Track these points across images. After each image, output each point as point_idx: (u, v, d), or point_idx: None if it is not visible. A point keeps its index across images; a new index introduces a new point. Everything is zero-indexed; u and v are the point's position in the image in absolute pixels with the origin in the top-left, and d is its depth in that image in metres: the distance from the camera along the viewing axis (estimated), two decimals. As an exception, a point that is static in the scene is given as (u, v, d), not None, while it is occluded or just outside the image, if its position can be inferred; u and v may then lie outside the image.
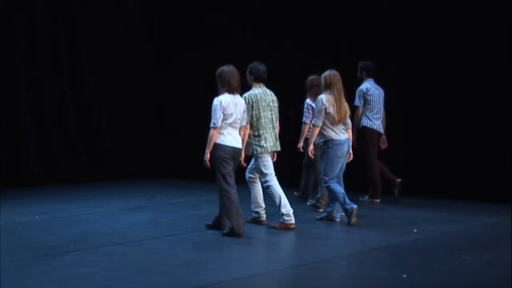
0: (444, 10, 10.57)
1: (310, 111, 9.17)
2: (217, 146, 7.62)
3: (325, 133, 8.50)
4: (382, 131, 10.27)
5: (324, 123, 8.48)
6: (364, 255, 7.12)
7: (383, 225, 8.53)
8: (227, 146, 7.64)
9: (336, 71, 8.51)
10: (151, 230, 8.07)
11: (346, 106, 8.57)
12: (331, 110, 8.41)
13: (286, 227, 8.19)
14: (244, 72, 8.37)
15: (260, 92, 8.34)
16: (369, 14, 11.08)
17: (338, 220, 8.64)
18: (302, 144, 9.11)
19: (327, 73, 8.54)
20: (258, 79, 8.40)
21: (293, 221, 8.22)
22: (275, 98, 8.47)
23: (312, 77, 9.51)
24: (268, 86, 8.51)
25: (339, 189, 8.46)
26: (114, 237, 7.66)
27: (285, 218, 8.22)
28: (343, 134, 8.52)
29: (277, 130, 8.49)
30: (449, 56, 10.55)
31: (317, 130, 8.49)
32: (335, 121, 8.45)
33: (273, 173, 8.30)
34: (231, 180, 7.68)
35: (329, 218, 8.69)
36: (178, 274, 6.31)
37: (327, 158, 8.50)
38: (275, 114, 8.43)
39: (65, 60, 12.10)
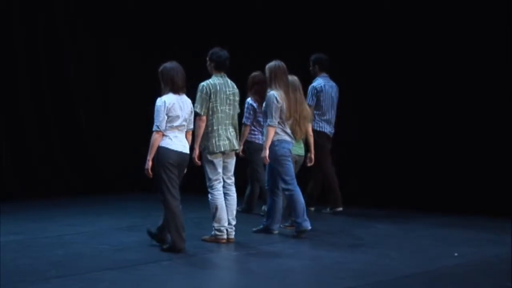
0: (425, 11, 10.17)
1: (251, 112, 8.99)
2: (161, 150, 7.29)
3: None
4: (331, 135, 9.83)
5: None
6: (394, 283, 6.53)
7: (413, 247, 7.96)
8: (172, 151, 7.30)
9: (282, 62, 8.09)
10: (145, 253, 7.55)
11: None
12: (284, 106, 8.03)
13: (216, 240, 7.84)
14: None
15: (221, 82, 7.81)
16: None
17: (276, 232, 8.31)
18: (242, 147, 8.72)
19: (272, 64, 8.14)
20: (220, 67, 7.85)
21: (225, 237, 7.85)
22: (236, 91, 7.97)
23: (254, 74, 9.13)
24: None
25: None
26: (102, 261, 7.21)
27: (217, 232, 7.83)
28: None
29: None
30: (448, 56, 10.06)
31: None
32: (286, 118, 8.08)
33: (220, 179, 7.84)
34: (175, 190, 7.40)
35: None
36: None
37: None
38: (234, 109, 7.92)
39: (46, 69, 11.72)
